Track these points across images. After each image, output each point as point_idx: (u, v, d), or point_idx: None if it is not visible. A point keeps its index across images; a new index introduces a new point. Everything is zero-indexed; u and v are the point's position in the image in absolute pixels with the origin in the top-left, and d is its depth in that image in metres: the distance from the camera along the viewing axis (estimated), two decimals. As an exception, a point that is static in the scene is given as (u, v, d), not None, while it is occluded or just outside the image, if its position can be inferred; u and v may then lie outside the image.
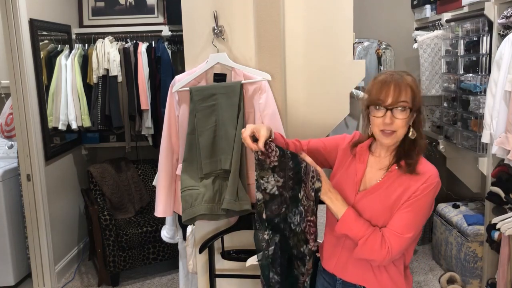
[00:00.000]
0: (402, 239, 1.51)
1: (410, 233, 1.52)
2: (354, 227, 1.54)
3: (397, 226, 1.52)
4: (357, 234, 1.53)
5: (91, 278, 3.71)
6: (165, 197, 2.32)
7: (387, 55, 4.06)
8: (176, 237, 2.81)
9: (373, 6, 4.28)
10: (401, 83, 1.51)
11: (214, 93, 2.07)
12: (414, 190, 1.52)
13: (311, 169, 1.60)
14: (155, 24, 4.07)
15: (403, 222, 1.52)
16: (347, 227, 1.55)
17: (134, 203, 3.92)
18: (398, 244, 1.51)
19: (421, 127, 1.58)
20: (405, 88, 1.51)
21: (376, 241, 1.52)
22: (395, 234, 1.51)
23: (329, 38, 2.26)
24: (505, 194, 2.70)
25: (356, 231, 1.54)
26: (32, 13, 3.37)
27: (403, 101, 1.51)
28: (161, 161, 2.30)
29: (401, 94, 1.51)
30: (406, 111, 1.51)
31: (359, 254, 1.56)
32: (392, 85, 1.51)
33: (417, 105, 1.54)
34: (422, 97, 1.58)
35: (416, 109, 1.54)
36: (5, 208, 3.43)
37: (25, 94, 3.28)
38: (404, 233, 1.51)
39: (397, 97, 1.51)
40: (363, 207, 1.59)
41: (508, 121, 2.53)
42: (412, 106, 1.52)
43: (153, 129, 3.84)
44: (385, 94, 1.51)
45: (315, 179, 1.60)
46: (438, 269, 3.65)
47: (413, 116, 1.55)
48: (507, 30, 2.70)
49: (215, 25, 2.13)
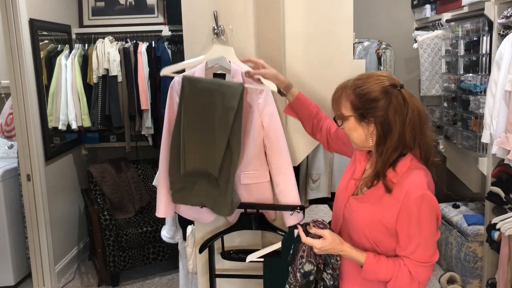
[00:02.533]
0: (426, 267, 1.47)
1: (430, 258, 1.46)
2: (380, 274, 1.48)
3: (416, 255, 1.45)
4: (385, 278, 1.47)
5: (91, 278, 3.71)
6: (166, 197, 2.31)
7: (387, 55, 4.05)
8: (176, 237, 2.81)
9: (373, 6, 4.28)
10: (337, 93, 1.53)
11: (210, 89, 1.93)
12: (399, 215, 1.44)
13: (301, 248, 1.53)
14: (155, 24, 4.07)
15: (420, 250, 1.44)
16: (373, 276, 1.49)
17: (134, 203, 3.92)
18: (424, 274, 1.47)
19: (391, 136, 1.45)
20: (338, 97, 1.52)
21: (404, 279, 1.46)
22: (418, 265, 1.45)
23: (329, 38, 2.26)
24: (505, 194, 2.70)
25: (383, 275, 1.47)
26: (32, 13, 3.37)
27: (335, 114, 1.55)
28: (161, 161, 2.30)
29: (335, 106, 1.54)
30: (345, 120, 1.51)
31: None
32: (333, 95, 1.55)
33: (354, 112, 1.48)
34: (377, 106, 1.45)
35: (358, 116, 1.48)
36: (5, 208, 3.43)
37: (25, 94, 3.28)
38: (425, 261, 1.46)
39: (333, 108, 1.55)
40: (352, 215, 1.55)
41: (508, 121, 2.53)
42: (341, 114, 1.51)
43: (153, 129, 3.85)
44: (332, 102, 1.56)
45: (305, 260, 1.52)
46: (438, 269, 3.65)
47: (360, 123, 1.48)
48: (507, 30, 2.69)
49: (215, 25, 2.12)
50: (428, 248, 1.46)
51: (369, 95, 1.45)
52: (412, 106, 1.46)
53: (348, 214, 1.57)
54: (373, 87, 1.45)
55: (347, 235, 1.58)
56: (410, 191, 1.42)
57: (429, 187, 1.46)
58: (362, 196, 1.54)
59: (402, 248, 1.47)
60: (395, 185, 1.45)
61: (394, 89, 1.46)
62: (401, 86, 1.48)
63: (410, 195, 1.41)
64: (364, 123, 1.48)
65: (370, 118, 1.47)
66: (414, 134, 1.46)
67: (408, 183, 1.43)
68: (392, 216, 1.45)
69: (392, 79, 1.49)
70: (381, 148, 1.47)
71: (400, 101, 1.45)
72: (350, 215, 1.56)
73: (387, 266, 1.47)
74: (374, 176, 1.50)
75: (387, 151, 1.46)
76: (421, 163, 1.50)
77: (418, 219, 1.42)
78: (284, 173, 2.18)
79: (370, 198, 1.51)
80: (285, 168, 2.18)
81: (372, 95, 1.45)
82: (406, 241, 1.45)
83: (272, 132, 2.15)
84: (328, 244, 1.50)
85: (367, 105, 1.45)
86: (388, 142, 1.45)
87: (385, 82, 1.46)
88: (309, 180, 2.85)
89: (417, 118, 1.46)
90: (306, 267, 1.52)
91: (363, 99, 1.46)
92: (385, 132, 1.46)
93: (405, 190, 1.43)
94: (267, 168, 2.20)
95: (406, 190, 1.42)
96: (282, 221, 2.20)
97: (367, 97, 1.45)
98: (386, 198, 1.46)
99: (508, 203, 2.69)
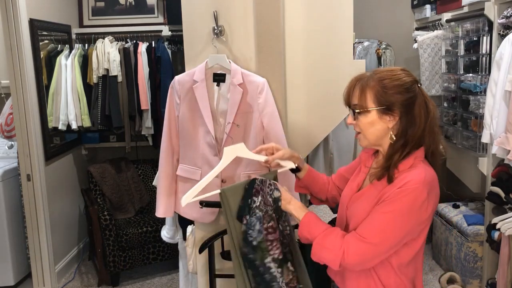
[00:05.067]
0: (364, 245, 1.38)
1: (375, 239, 1.37)
2: (314, 228, 1.46)
3: (362, 229, 1.40)
4: (315, 235, 1.45)
5: (91, 278, 3.71)
6: (165, 197, 2.32)
7: (387, 55, 4.06)
8: (176, 237, 2.81)
9: (373, 6, 4.28)
10: (355, 85, 1.46)
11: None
12: (388, 195, 1.40)
13: (268, 180, 1.63)
14: (155, 24, 4.07)
15: (369, 226, 1.39)
16: (307, 229, 1.48)
17: (134, 203, 3.92)
18: (357, 248, 1.38)
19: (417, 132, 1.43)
20: (357, 89, 1.45)
21: (334, 241, 1.41)
22: (357, 237, 1.39)
23: (329, 38, 2.26)
24: (505, 194, 2.70)
25: (315, 232, 1.45)
26: (32, 13, 3.37)
27: (354, 104, 1.46)
28: (161, 161, 2.30)
29: (352, 96, 1.47)
30: (361, 113, 1.44)
31: (313, 254, 1.45)
32: (349, 86, 1.49)
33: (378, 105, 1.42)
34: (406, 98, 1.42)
35: (381, 109, 1.42)
36: (5, 208, 3.43)
37: (25, 94, 3.28)
38: (367, 237, 1.37)
39: (351, 99, 1.48)
40: (352, 211, 1.53)
41: (508, 121, 2.53)
42: (362, 107, 1.43)
43: (153, 129, 3.84)
44: (345, 95, 1.50)
45: (273, 187, 1.61)
46: (438, 269, 3.65)
47: (382, 117, 1.43)
48: (507, 30, 2.70)
49: (215, 25, 2.13)
50: (381, 231, 1.38)
51: (396, 88, 1.41)
52: (432, 104, 1.46)
53: (350, 213, 1.56)
54: (398, 81, 1.42)
55: None
56: (411, 182, 1.38)
57: (430, 183, 1.42)
58: (362, 191, 1.53)
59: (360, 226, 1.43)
60: (395, 179, 1.43)
61: (416, 85, 1.45)
62: (420, 84, 1.48)
63: (407, 185, 1.38)
64: (386, 117, 1.43)
65: (395, 111, 1.42)
66: (433, 131, 1.46)
67: (408, 176, 1.40)
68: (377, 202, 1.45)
69: (412, 75, 1.47)
70: (399, 143, 1.44)
71: (422, 97, 1.45)
72: (351, 213, 1.54)
73: (323, 226, 1.47)
74: (384, 168, 1.45)
75: (409, 145, 1.43)
76: (425, 160, 1.48)
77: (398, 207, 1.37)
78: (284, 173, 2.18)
79: (369, 194, 1.49)
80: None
81: (400, 88, 1.41)
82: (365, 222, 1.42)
83: (272, 132, 2.15)
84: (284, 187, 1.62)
85: (394, 97, 1.41)
86: (410, 137, 1.43)
87: (407, 78, 1.44)
88: (309, 180, 2.84)
89: (436, 115, 1.47)
90: (275, 193, 1.60)
91: (391, 90, 1.41)
92: (407, 127, 1.43)
93: (404, 181, 1.39)
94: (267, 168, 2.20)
95: (405, 181, 1.39)
96: (282, 221, 2.20)
97: (395, 90, 1.41)
98: (385, 189, 1.43)
99: (508, 203, 2.70)
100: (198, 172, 2.24)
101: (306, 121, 2.33)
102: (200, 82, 2.14)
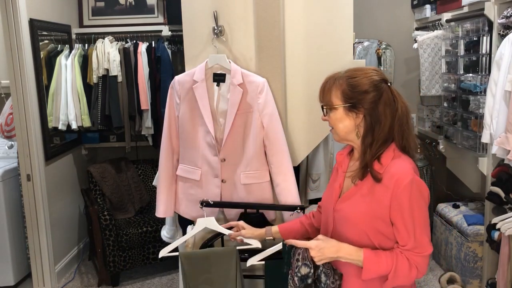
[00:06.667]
0: (425, 256, 1.48)
1: (425, 243, 1.47)
2: (379, 266, 1.47)
3: (410, 243, 1.46)
4: (386, 271, 1.47)
5: (91, 278, 3.71)
6: (165, 197, 2.32)
7: (387, 55, 4.06)
8: (176, 237, 2.81)
9: (373, 6, 4.28)
10: (326, 83, 1.55)
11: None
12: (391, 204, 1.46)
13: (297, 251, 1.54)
14: (155, 24, 4.07)
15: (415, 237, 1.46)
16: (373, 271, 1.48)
17: (134, 203, 3.92)
18: (423, 262, 1.48)
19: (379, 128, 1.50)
20: (328, 87, 1.54)
21: (404, 267, 1.47)
22: (416, 254, 1.47)
23: (329, 38, 2.26)
24: (505, 194, 2.70)
25: (383, 269, 1.47)
26: (32, 13, 3.37)
27: (323, 101, 1.56)
28: (161, 161, 2.30)
29: (323, 95, 1.56)
30: (330, 110, 1.53)
31: (393, 285, 1.50)
32: (322, 85, 1.57)
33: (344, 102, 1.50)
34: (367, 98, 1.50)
35: (347, 107, 1.50)
36: (5, 208, 3.43)
37: (25, 94, 3.28)
38: (423, 251, 1.47)
39: (321, 98, 1.57)
40: (343, 214, 1.55)
41: (508, 121, 2.53)
42: (330, 104, 1.52)
43: (153, 129, 3.85)
44: (319, 92, 1.58)
45: (300, 263, 1.52)
46: (438, 269, 3.65)
47: (349, 114, 1.51)
48: (507, 30, 2.70)
49: (215, 25, 2.13)
50: (424, 235, 1.47)
51: (361, 86, 1.50)
52: (400, 102, 1.52)
53: (338, 215, 1.57)
54: (364, 80, 1.50)
55: (345, 239, 1.55)
56: (400, 179, 1.44)
57: (415, 171, 1.50)
58: (348, 192, 1.56)
59: (402, 239, 1.48)
60: (383, 174, 1.48)
61: (384, 84, 1.52)
62: (390, 83, 1.55)
63: (400, 182, 1.44)
64: (352, 114, 1.51)
65: (360, 109, 1.50)
66: (402, 129, 1.52)
67: (396, 171, 1.46)
68: (384, 205, 1.47)
69: (382, 74, 1.55)
70: (368, 140, 1.51)
71: (389, 96, 1.51)
72: (341, 215, 1.56)
73: (386, 258, 1.47)
74: (362, 167, 1.52)
75: (376, 142, 1.50)
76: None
77: (411, 207, 1.44)
78: (284, 173, 2.18)
79: (358, 192, 1.53)
80: (285, 168, 2.18)
81: (365, 87, 1.50)
82: (405, 233, 1.46)
83: (272, 132, 2.15)
84: (322, 242, 1.51)
85: (359, 95, 1.50)
86: (377, 134, 1.50)
87: (376, 77, 1.52)
88: (309, 180, 2.84)
89: (405, 113, 1.52)
90: (302, 270, 1.52)
91: (356, 89, 1.50)
92: (373, 124, 1.50)
93: (394, 178, 1.45)
94: (267, 168, 2.20)
95: (396, 178, 1.45)
96: (282, 221, 2.20)
97: (360, 88, 1.50)
98: (376, 188, 1.49)
99: (508, 203, 2.70)
100: (198, 172, 2.24)
101: (306, 121, 2.33)
102: (200, 82, 2.15)
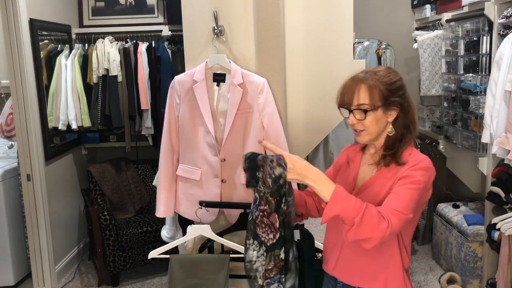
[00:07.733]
0: (402, 216, 1.41)
1: (407, 211, 1.42)
2: (346, 205, 1.39)
3: (393, 204, 1.43)
4: (351, 213, 1.37)
5: (91, 278, 3.71)
6: (165, 197, 2.32)
7: (387, 55, 4.06)
8: (176, 237, 2.81)
9: (373, 6, 4.29)
10: (359, 85, 1.50)
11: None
12: (403, 173, 1.48)
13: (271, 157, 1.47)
14: (155, 24, 4.07)
15: (399, 200, 1.43)
16: (339, 207, 1.39)
17: (134, 203, 3.92)
18: (398, 219, 1.40)
19: (410, 121, 1.56)
20: (364, 89, 1.50)
21: (373, 216, 1.38)
22: (392, 211, 1.41)
23: (329, 38, 2.26)
24: (505, 194, 2.70)
25: (350, 209, 1.38)
26: (32, 13, 3.37)
27: (360, 104, 1.50)
28: (161, 161, 2.31)
29: (357, 96, 1.51)
30: (370, 112, 1.50)
31: (357, 235, 1.39)
32: (350, 88, 1.52)
33: (383, 102, 1.50)
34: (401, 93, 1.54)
35: (385, 106, 1.51)
36: (5, 208, 3.43)
37: (25, 94, 3.28)
38: (403, 211, 1.42)
39: (353, 100, 1.51)
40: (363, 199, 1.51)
41: (508, 121, 2.53)
42: (371, 106, 1.49)
43: (153, 129, 3.85)
44: (345, 96, 1.54)
45: (275, 164, 1.45)
46: (438, 269, 3.65)
47: (386, 113, 1.52)
48: (507, 30, 2.70)
49: (215, 25, 2.13)
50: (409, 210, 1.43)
51: (396, 83, 1.54)
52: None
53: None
54: (394, 77, 1.55)
55: None
56: (423, 161, 1.50)
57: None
58: (369, 181, 1.57)
59: (387, 200, 1.46)
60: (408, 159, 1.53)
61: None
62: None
63: (421, 163, 1.50)
64: (389, 112, 1.53)
65: (397, 106, 1.53)
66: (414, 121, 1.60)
67: (422, 157, 1.53)
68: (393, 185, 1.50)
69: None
70: (399, 133, 1.55)
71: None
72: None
73: (356, 202, 1.39)
74: (391, 155, 1.54)
75: (407, 132, 1.56)
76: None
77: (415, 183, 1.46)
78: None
79: (380, 180, 1.55)
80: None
81: (399, 83, 1.55)
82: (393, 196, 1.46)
83: (272, 132, 2.15)
84: (297, 157, 1.48)
85: (398, 91, 1.53)
86: (407, 124, 1.56)
87: (397, 74, 1.58)
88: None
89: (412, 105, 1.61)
90: (276, 171, 1.46)
91: (394, 86, 1.52)
92: (405, 117, 1.56)
93: (419, 159, 1.51)
94: None
95: (420, 159, 1.51)
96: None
97: (396, 85, 1.53)
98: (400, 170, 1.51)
99: (508, 203, 2.70)
100: (198, 172, 2.24)
101: (306, 121, 2.33)
102: (200, 82, 2.15)
